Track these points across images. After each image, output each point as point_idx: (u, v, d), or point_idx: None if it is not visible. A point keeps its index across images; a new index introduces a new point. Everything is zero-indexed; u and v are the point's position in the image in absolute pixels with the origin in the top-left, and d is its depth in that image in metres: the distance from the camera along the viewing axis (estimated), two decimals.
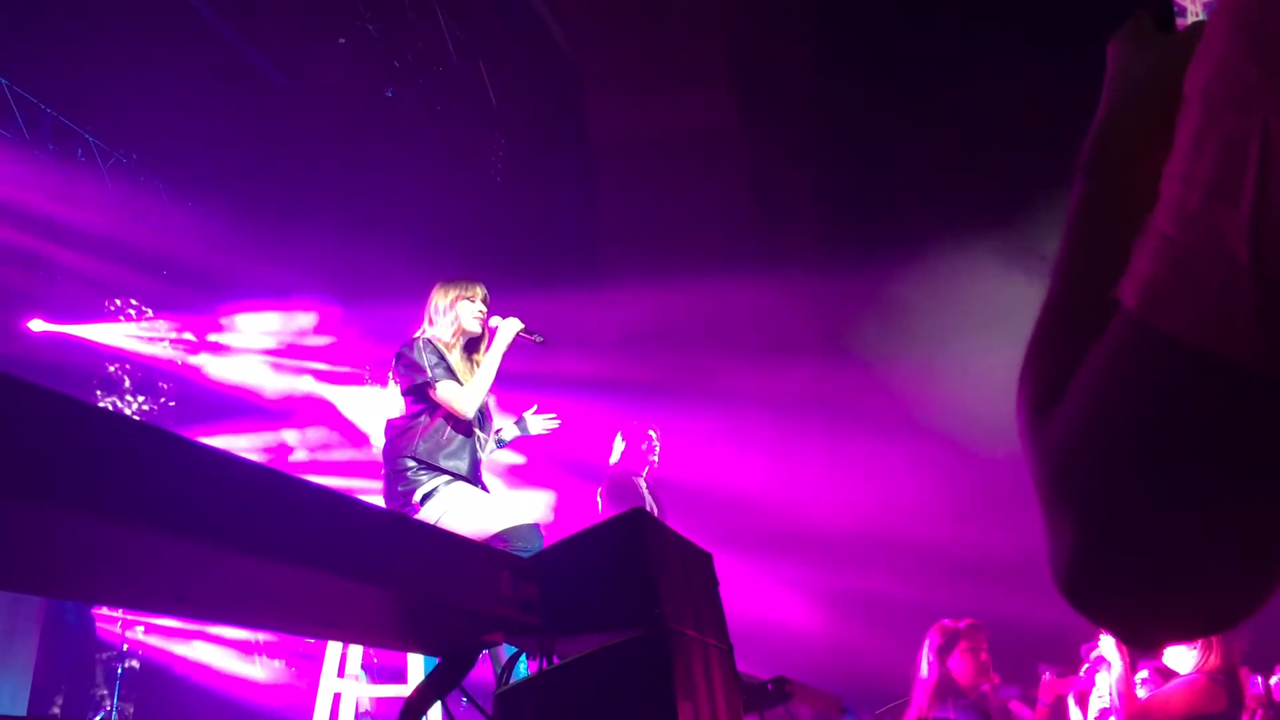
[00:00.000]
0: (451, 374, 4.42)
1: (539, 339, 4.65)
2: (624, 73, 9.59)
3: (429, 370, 4.36)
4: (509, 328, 4.55)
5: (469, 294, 4.59)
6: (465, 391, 4.40)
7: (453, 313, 4.55)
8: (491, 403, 4.77)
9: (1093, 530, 0.52)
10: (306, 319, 8.88)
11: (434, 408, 4.43)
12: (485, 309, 4.62)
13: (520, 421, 4.91)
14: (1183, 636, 0.57)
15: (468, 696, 1.99)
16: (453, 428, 4.44)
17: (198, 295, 8.74)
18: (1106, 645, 4.51)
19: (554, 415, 4.92)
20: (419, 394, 4.44)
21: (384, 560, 1.47)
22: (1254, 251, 0.46)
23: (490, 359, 4.49)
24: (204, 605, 1.46)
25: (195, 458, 1.18)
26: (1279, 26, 0.47)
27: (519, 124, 10.00)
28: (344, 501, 1.50)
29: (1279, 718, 6.34)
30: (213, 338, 8.81)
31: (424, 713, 1.93)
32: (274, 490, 1.29)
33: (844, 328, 8.68)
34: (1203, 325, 0.48)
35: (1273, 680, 5.87)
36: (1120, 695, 4.40)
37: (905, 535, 8.32)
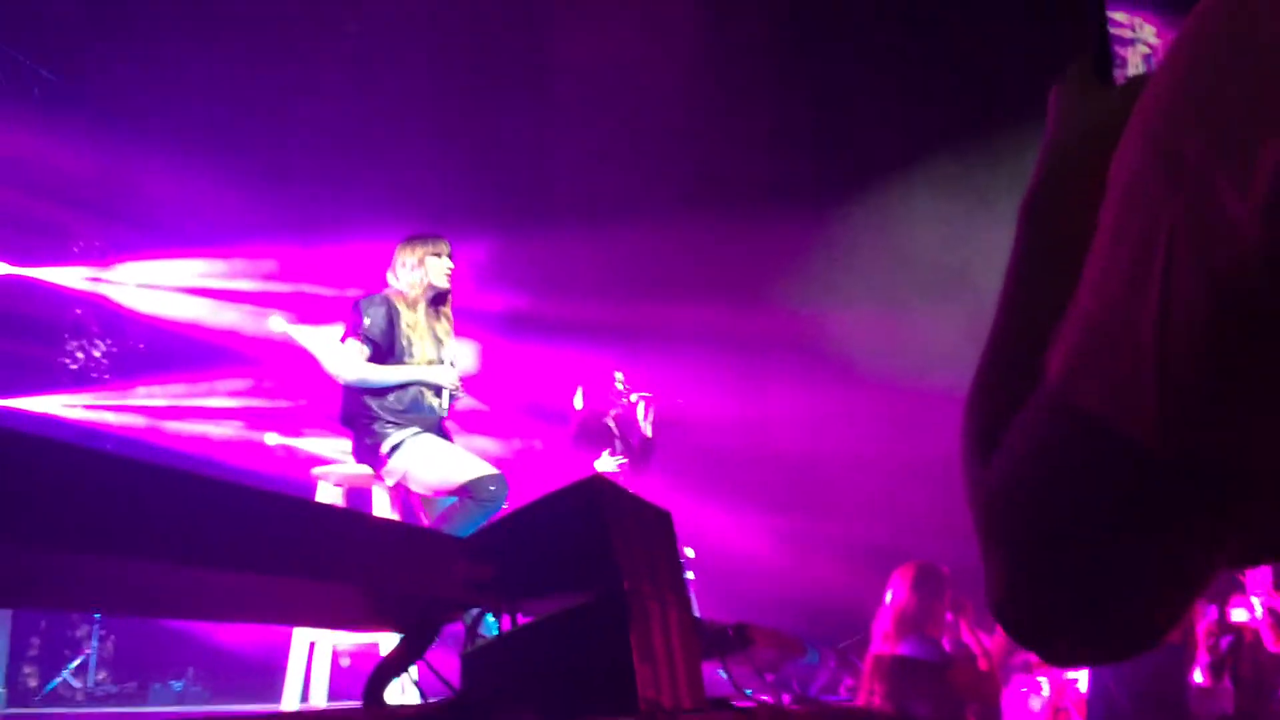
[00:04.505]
0: (386, 337, 4.45)
1: (462, 399, 4.69)
2: None
3: (363, 325, 4.42)
4: (446, 377, 4.56)
5: (436, 250, 4.62)
6: (358, 366, 4.41)
7: (421, 270, 4.58)
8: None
9: (1016, 571, 0.58)
10: (268, 261, 8.82)
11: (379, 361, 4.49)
12: (452, 264, 4.66)
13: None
14: (1091, 662, 0.65)
15: (431, 669, 2.09)
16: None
17: (158, 237, 8.65)
18: None
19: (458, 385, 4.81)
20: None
21: (344, 559, 1.54)
22: (1158, 343, 0.50)
23: (408, 374, 4.48)
24: (175, 610, 1.53)
25: (165, 485, 1.24)
26: (1185, 149, 0.50)
27: (476, 54, 9.76)
28: (304, 506, 1.56)
29: (1237, 642, 6.57)
30: (176, 279, 8.74)
31: (387, 685, 2.02)
32: (242, 506, 1.35)
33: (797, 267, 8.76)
34: (1111, 405, 0.52)
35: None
36: None
37: (869, 477, 8.48)
